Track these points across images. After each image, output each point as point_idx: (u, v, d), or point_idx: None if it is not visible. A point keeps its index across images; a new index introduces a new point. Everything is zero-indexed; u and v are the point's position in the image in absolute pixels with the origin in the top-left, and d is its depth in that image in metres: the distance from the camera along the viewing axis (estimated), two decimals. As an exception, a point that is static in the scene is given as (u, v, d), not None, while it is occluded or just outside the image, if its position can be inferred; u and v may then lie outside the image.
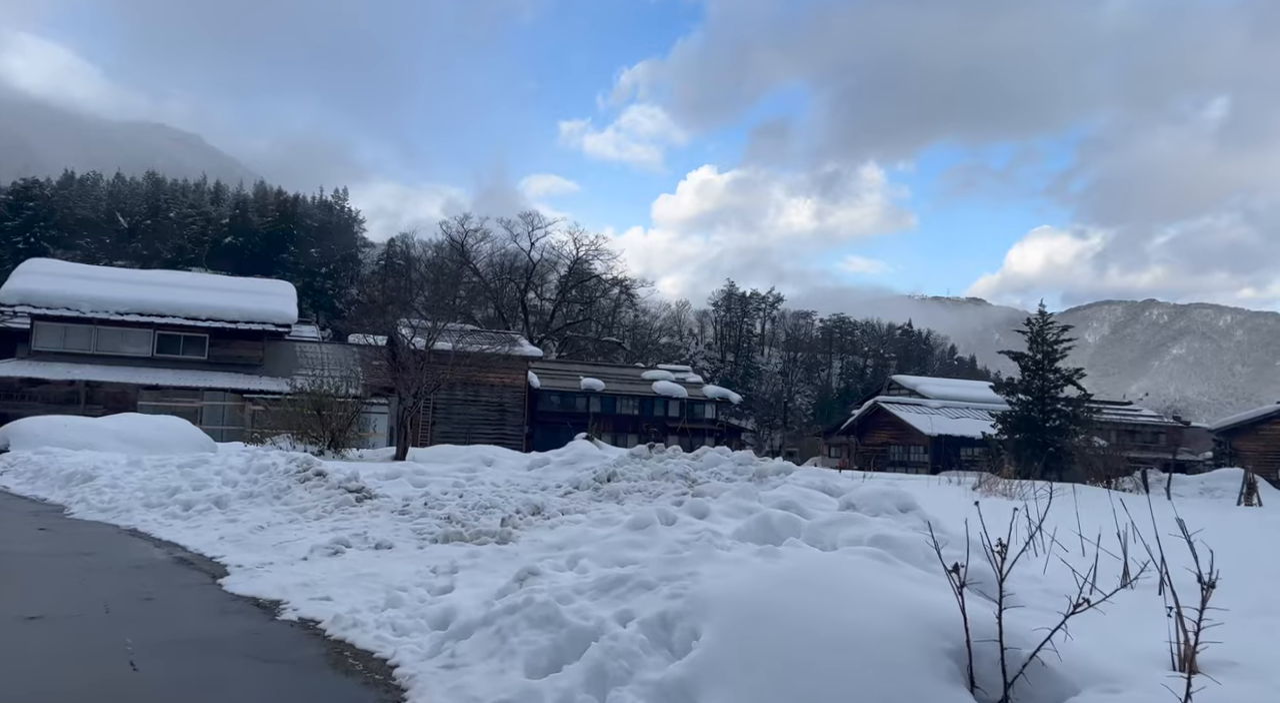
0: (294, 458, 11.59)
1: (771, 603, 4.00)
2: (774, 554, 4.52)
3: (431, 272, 70.39)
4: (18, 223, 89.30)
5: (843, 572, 4.30)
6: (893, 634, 3.78)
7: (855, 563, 4.42)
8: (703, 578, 4.36)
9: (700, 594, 4.17)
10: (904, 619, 3.89)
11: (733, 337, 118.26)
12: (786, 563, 4.39)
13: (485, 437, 36.39)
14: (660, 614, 4.14)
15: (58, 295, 32.15)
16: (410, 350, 26.26)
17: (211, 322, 34.39)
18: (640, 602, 4.37)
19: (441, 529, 8.44)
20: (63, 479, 12.88)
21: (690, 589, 4.26)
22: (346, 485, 10.47)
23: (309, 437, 23.50)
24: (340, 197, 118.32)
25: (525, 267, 72.19)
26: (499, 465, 12.24)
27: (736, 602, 4.03)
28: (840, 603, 3.98)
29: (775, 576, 4.25)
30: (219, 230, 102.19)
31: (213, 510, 10.18)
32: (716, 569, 4.44)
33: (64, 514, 10.46)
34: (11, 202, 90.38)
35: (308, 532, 8.88)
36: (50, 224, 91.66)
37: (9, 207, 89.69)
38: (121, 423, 21.95)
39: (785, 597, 4.03)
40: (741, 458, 10.67)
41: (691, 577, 4.42)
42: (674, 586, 4.38)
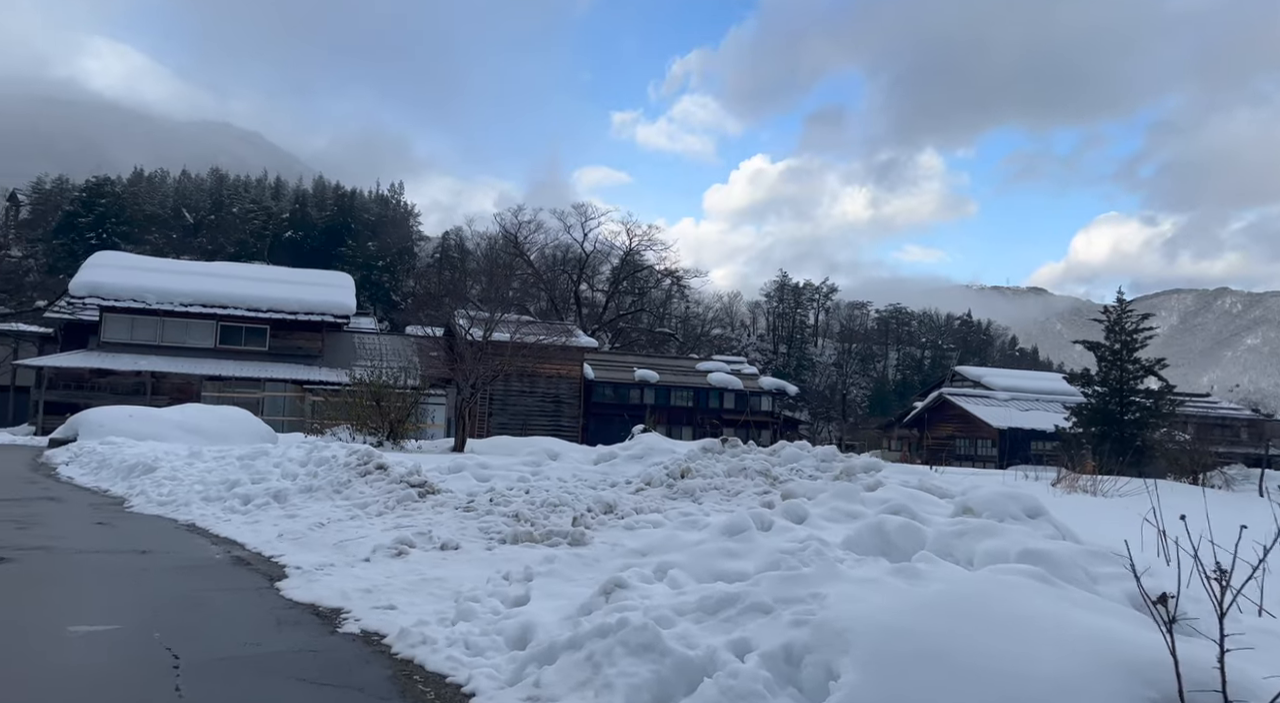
0: (354, 450, 11.20)
1: (925, 636, 3.30)
2: (914, 574, 3.81)
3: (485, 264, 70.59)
4: (90, 219, 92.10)
5: (1004, 598, 3.58)
6: (1082, 682, 3.06)
7: (1014, 586, 3.69)
8: (830, 602, 3.68)
9: (831, 622, 3.49)
10: (1093, 661, 3.16)
11: (785, 328, 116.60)
12: (934, 587, 3.67)
13: (541, 428, 36.08)
14: (784, 646, 3.48)
15: (125, 287, 32.70)
16: (467, 341, 25.97)
17: (272, 313, 34.67)
18: (756, 628, 3.71)
19: (510, 528, 7.89)
20: (125, 470, 12.73)
21: (817, 615, 3.58)
22: (408, 480, 10.01)
23: (368, 427, 23.37)
24: (396, 191, 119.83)
25: (578, 258, 71.92)
26: (564, 459, 11.70)
27: (880, 634, 3.34)
28: (1010, 638, 3.26)
29: (923, 602, 3.54)
30: (279, 225, 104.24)
31: (271, 505, 9.81)
32: (846, 591, 3.75)
33: (123, 507, 10.21)
34: (85, 199, 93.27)
35: (369, 529, 8.41)
36: (121, 220, 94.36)
37: (83, 204, 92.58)
38: (185, 414, 22.06)
39: (941, 630, 3.33)
40: (824, 453, 9.92)
41: (816, 600, 3.74)
42: (796, 610, 3.70)
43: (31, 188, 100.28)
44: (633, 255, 72.44)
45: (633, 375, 50.23)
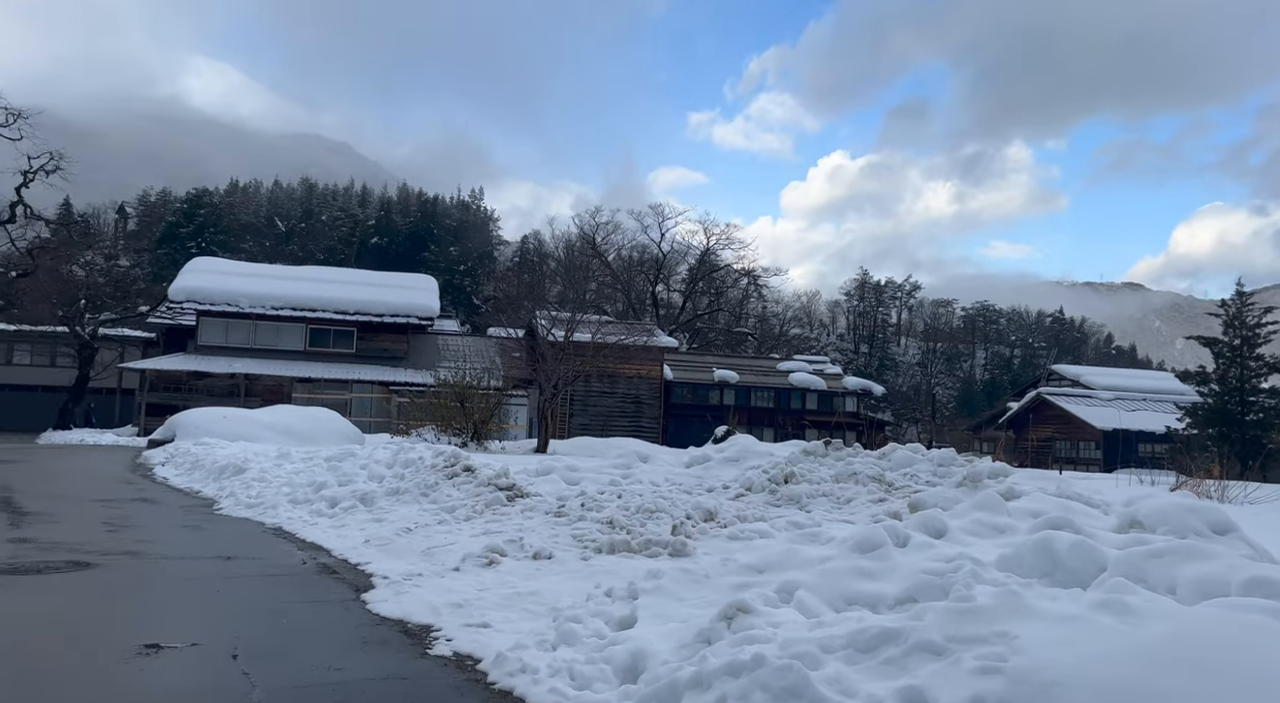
0: (441, 452, 10.87)
1: (1162, 698, 2.57)
2: (1124, 610, 3.06)
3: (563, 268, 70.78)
4: (191, 229, 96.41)
5: (1254, 645, 2.81)
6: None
7: (1262, 629, 2.91)
8: (1025, 644, 2.97)
9: (1032, 674, 2.79)
10: None
11: (867, 327, 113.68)
12: (1155, 628, 2.93)
13: (621, 429, 35.69)
14: (974, 700, 2.79)
15: (220, 292, 33.71)
16: (548, 342, 25.73)
17: (359, 315, 35.24)
18: (929, 675, 3.03)
19: (605, 536, 7.35)
20: (216, 472, 12.75)
21: (1011, 662, 2.88)
22: (496, 483, 9.60)
23: (452, 428, 23.34)
24: (476, 196, 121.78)
25: (655, 259, 71.43)
26: (654, 462, 11.14)
27: (1102, 693, 2.63)
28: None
29: (1147, 649, 2.81)
30: (365, 231, 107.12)
31: (358, 508, 9.53)
32: (1042, 631, 3.03)
33: (213, 510, 10.10)
34: (186, 210, 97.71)
35: (458, 535, 8.00)
36: (218, 230, 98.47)
37: (184, 215, 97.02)
38: (275, 415, 22.38)
39: (1181, 691, 2.59)
40: (942, 457, 9.07)
41: (1004, 641, 3.03)
42: (979, 654, 3.01)
43: (138, 201, 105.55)
44: (710, 255, 71.58)
45: (712, 376, 49.46)
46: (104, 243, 58.57)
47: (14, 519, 8.49)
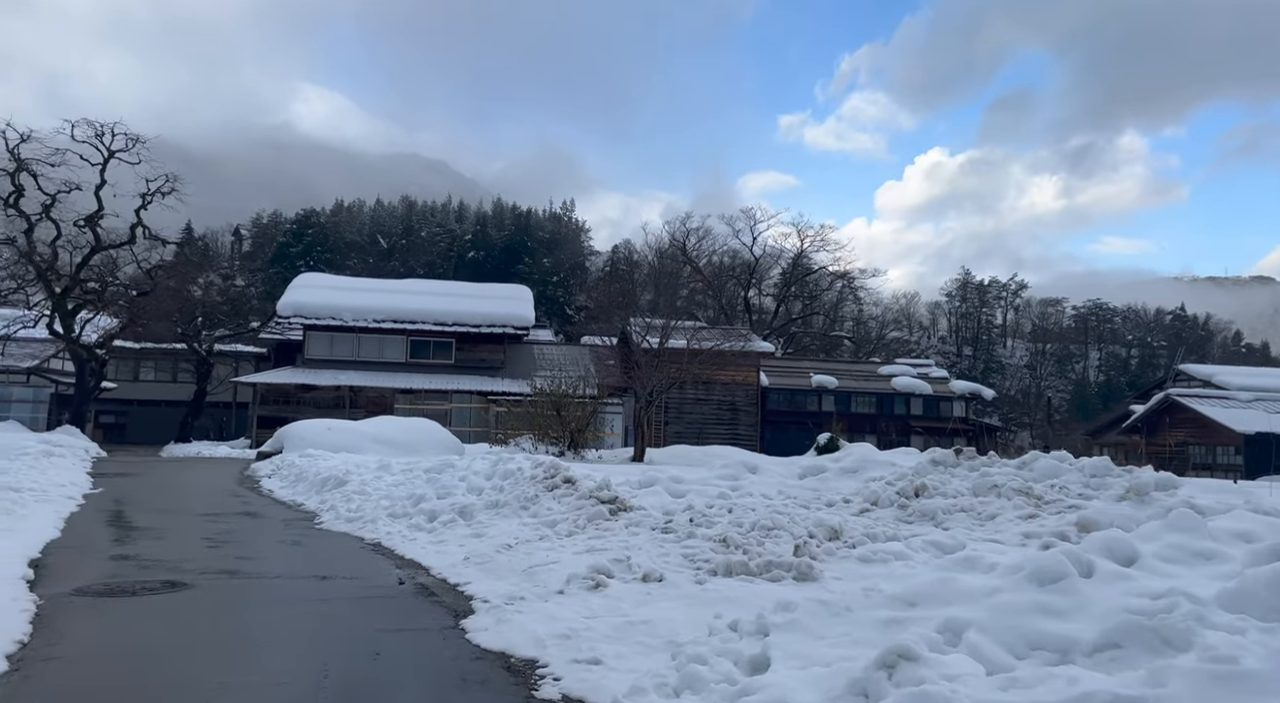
0: (540, 463, 10.44)
1: None
2: None
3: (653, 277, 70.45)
4: (299, 248, 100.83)
5: None
6: None
7: None
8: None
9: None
10: None
11: (970, 329, 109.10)
12: None
13: (717, 437, 34.94)
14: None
15: (324, 306, 34.67)
16: (643, 349, 25.27)
17: (457, 326, 35.65)
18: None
19: (719, 557, 6.69)
20: (319, 484, 12.71)
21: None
22: (598, 495, 9.07)
23: (549, 437, 23.13)
24: (568, 208, 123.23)
25: (747, 263, 70.30)
26: (764, 473, 10.42)
27: None
28: None
29: None
30: (463, 246, 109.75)
31: (457, 522, 9.16)
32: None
33: (313, 523, 9.93)
34: (295, 230, 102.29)
35: (560, 553, 7.49)
36: (325, 248, 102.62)
37: (293, 235, 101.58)
38: (378, 426, 22.60)
39: None
40: (1095, 467, 8.03)
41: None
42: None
43: (252, 223, 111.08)
44: (803, 258, 69.95)
45: (809, 381, 48.08)
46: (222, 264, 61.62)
47: (121, 535, 8.47)
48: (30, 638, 4.60)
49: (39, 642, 4.55)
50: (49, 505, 9.89)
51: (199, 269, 41.16)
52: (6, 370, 33.95)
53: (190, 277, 36.35)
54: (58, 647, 4.48)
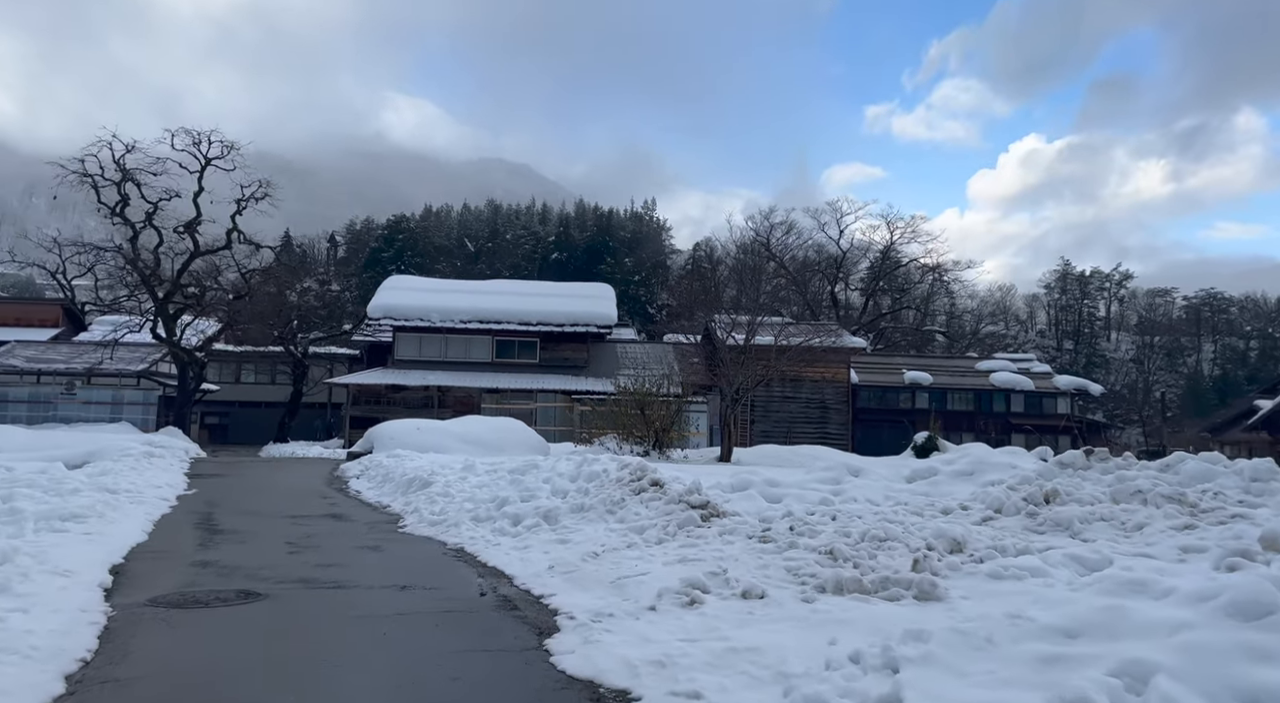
0: (625, 464, 9.95)
1: None
2: None
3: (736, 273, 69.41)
4: (390, 254, 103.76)
5: None
6: None
7: None
8: None
9: None
10: None
11: (1070, 321, 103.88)
12: None
13: (806, 436, 33.96)
14: None
15: (413, 308, 35.22)
16: (728, 346, 24.59)
17: (541, 326, 35.70)
18: None
19: (827, 571, 6.04)
20: (404, 485, 12.55)
21: None
22: (688, 499, 8.51)
23: (634, 437, 22.73)
24: (649, 207, 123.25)
25: (833, 258, 68.49)
26: (867, 476, 9.66)
27: None
28: None
29: None
30: (546, 248, 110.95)
31: (541, 527, 8.75)
32: None
33: (396, 527, 9.69)
34: (386, 236, 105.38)
35: (650, 562, 6.96)
36: (415, 253, 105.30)
37: (384, 240, 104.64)
38: (465, 425, 22.61)
39: None
40: (1257, 470, 7.03)
41: None
42: None
43: (346, 230, 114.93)
44: (893, 251, 67.70)
45: (901, 378, 46.36)
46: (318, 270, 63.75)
47: (205, 539, 8.37)
48: (94, 655, 4.34)
49: (101, 660, 4.29)
50: (142, 507, 9.94)
51: (296, 275, 42.48)
52: (119, 374, 35.67)
53: (288, 282, 37.50)
54: (120, 666, 4.20)
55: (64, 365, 36.40)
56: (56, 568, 5.88)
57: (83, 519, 8.05)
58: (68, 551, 6.67)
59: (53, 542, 6.94)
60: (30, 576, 5.53)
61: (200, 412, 42.40)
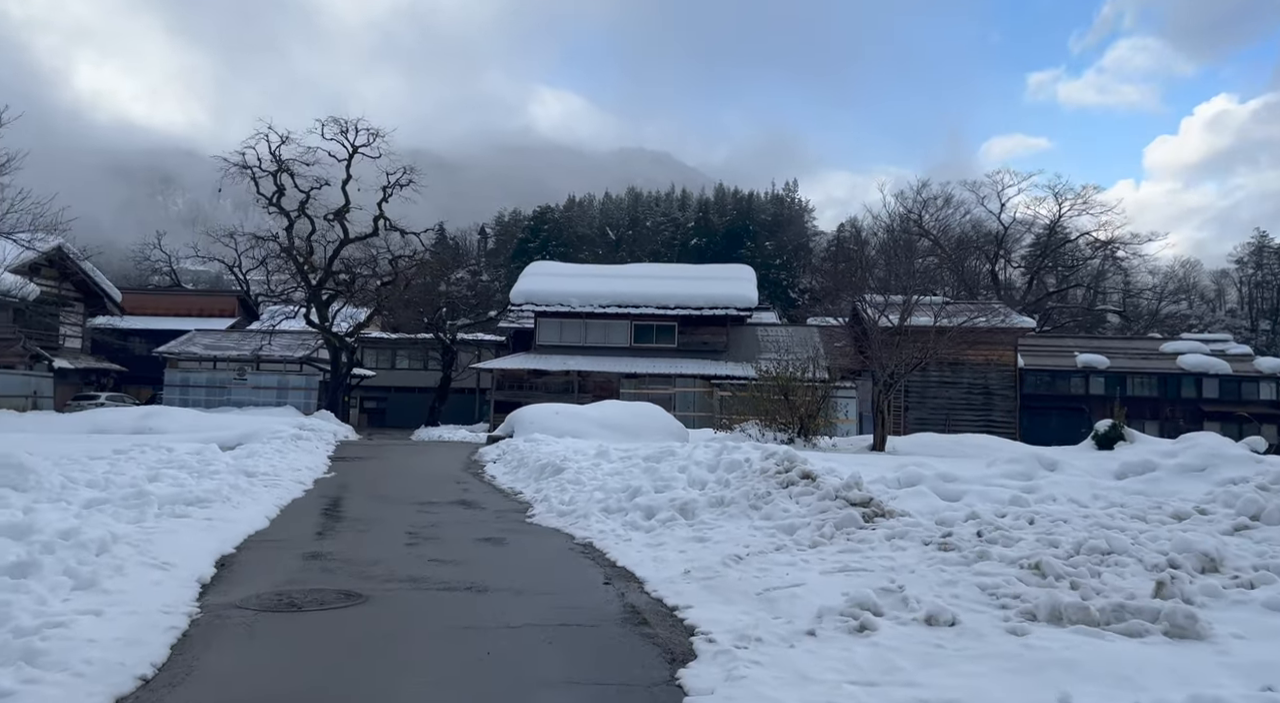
0: (770, 453, 8.86)
1: None
2: None
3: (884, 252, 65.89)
4: (536, 243, 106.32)
5: None
6: None
7: None
8: None
9: None
10: None
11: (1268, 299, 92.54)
12: None
13: (968, 424, 31.50)
14: None
15: (553, 293, 35.24)
16: (879, 328, 22.82)
17: (679, 309, 34.87)
18: None
19: (1037, 592, 4.75)
20: (536, 471, 11.98)
21: None
22: (846, 495, 7.33)
23: (777, 423, 21.51)
24: (791, 189, 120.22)
25: (993, 234, 63.76)
26: (1065, 470, 8.11)
27: None
28: None
29: None
30: (685, 234, 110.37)
31: (677, 522, 7.82)
32: None
33: (524, 517, 9.03)
34: (531, 226, 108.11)
35: (804, 570, 5.87)
36: (559, 242, 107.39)
37: (530, 231, 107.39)
38: (603, 410, 22.13)
39: None
40: None
41: None
42: None
43: (495, 222, 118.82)
44: (1060, 225, 62.20)
45: (1073, 361, 42.40)
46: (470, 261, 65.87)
47: (325, 526, 7.97)
48: (159, 670, 3.76)
49: (165, 677, 3.70)
50: (274, 492, 9.78)
51: (449, 267, 43.70)
52: (283, 360, 37.76)
53: (442, 274, 38.54)
54: (181, 687, 3.59)
55: (236, 352, 38.98)
56: (156, 560, 5.48)
57: (207, 504, 7.83)
58: (179, 539, 6.34)
59: (168, 528, 6.65)
60: (125, 569, 5.13)
61: (360, 396, 44.46)
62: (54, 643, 3.70)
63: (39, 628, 3.83)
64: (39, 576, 4.53)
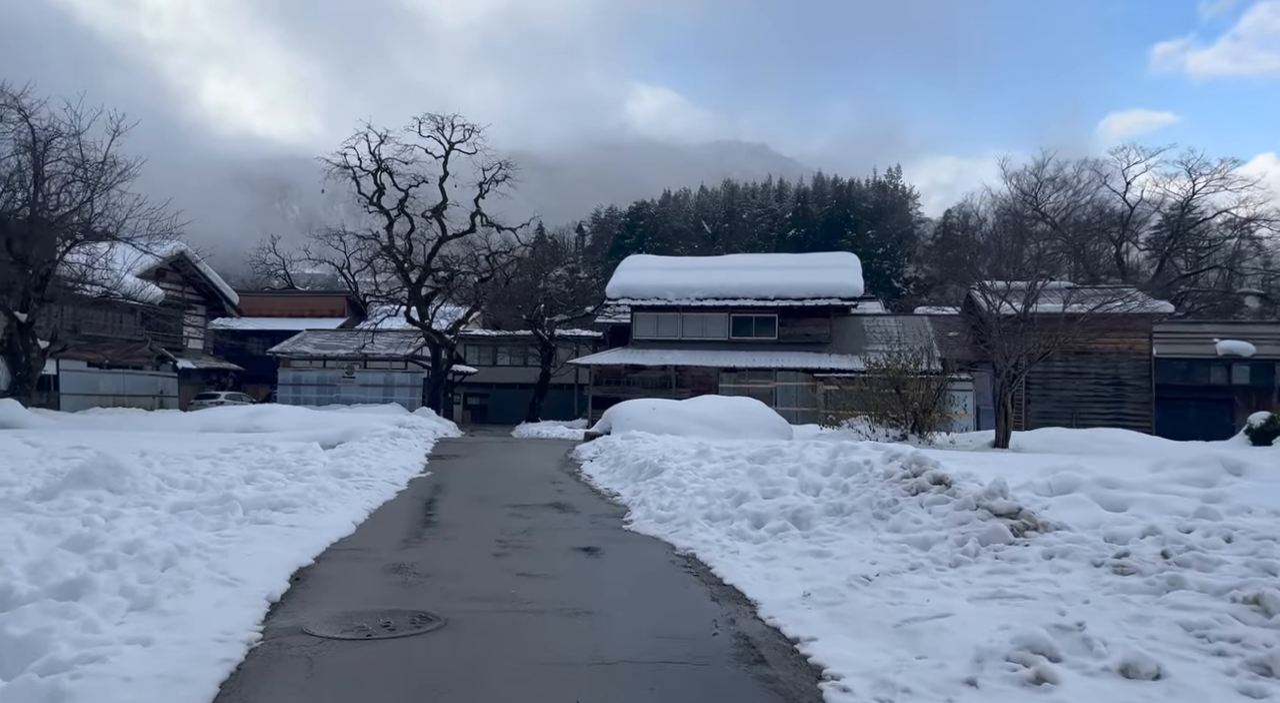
0: (894, 454, 7.91)
1: None
2: None
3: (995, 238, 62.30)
4: (632, 239, 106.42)
5: None
6: None
7: None
8: None
9: None
10: None
11: None
12: None
13: (1097, 418, 29.25)
14: None
15: (649, 286, 34.67)
16: (999, 316, 21.20)
17: (779, 301, 33.72)
18: None
19: (1268, 637, 3.74)
20: (634, 471, 11.34)
21: None
22: (989, 505, 6.35)
23: (888, 418, 20.29)
24: (894, 175, 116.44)
25: (1117, 215, 59.47)
26: (1256, 475, 6.85)
27: None
28: None
29: None
30: (783, 225, 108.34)
31: (789, 532, 7.00)
32: None
33: (622, 523, 8.38)
34: (627, 222, 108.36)
35: (949, 596, 4.98)
36: (655, 238, 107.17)
37: (626, 227, 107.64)
38: (701, 406, 21.40)
39: None
40: None
41: None
42: None
43: (592, 219, 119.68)
44: (1192, 204, 57.36)
45: (1212, 348, 38.94)
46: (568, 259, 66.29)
47: (413, 534, 7.51)
48: (198, 714, 3.24)
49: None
50: (365, 494, 9.46)
51: (547, 264, 43.86)
52: (388, 358, 38.60)
53: (540, 271, 38.65)
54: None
55: (344, 351, 40.09)
56: (225, 575, 5.06)
57: (293, 509, 7.49)
58: (257, 549, 5.95)
59: (247, 537, 6.29)
60: (190, 586, 4.72)
61: (463, 393, 45.15)
62: (85, 681, 3.24)
63: (74, 662, 3.39)
64: (91, 596, 4.13)
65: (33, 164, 20.81)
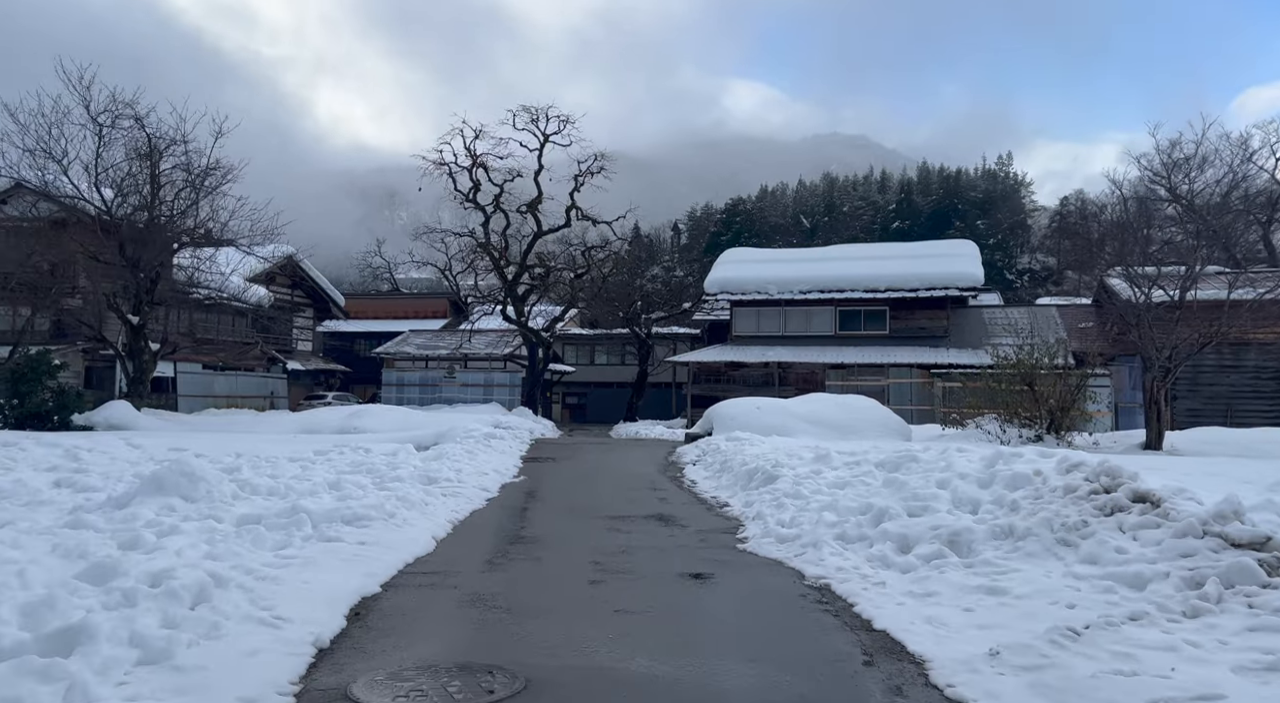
0: (1074, 463, 6.48)
1: None
2: None
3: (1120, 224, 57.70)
4: (729, 235, 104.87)
5: None
6: None
7: None
8: None
9: None
10: None
11: None
12: None
13: (1255, 415, 26.34)
14: None
15: (749, 280, 33.29)
16: (1150, 304, 19.04)
17: (890, 292, 31.74)
18: None
19: None
20: (744, 477, 10.18)
21: None
22: (1221, 532, 4.91)
23: (1020, 417, 18.45)
24: (1004, 163, 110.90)
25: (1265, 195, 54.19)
26: None
27: None
28: None
29: None
30: (886, 217, 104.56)
31: (947, 559, 5.70)
32: None
33: (735, 540, 7.24)
34: (724, 220, 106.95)
35: (1200, 664, 3.64)
36: (752, 234, 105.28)
37: (722, 224, 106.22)
38: (810, 405, 20.02)
39: None
40: None
41: None
42: None
43: (687, 217, 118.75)
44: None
45: (1389, 339, 34.58)
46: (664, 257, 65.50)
47: (498, 552, 6.57)
48: None
49: None
50: (451, 502, 8.65)
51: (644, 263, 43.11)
52: (488, 357, 38.54)
53: (637, 269, 37.89)
54: None
55: (446, 351, 40.31)
56: (270, 611, 4.20)
57: (366, 523, 6.68)
58: (316, 575, 5.11)
59: (308, 558, 5.47)
60: (222, 627, 3.86)
61: (562, 392, 44.85)
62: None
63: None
64: (89, 647, 3.30)
65: (148, 169, 21.28)
